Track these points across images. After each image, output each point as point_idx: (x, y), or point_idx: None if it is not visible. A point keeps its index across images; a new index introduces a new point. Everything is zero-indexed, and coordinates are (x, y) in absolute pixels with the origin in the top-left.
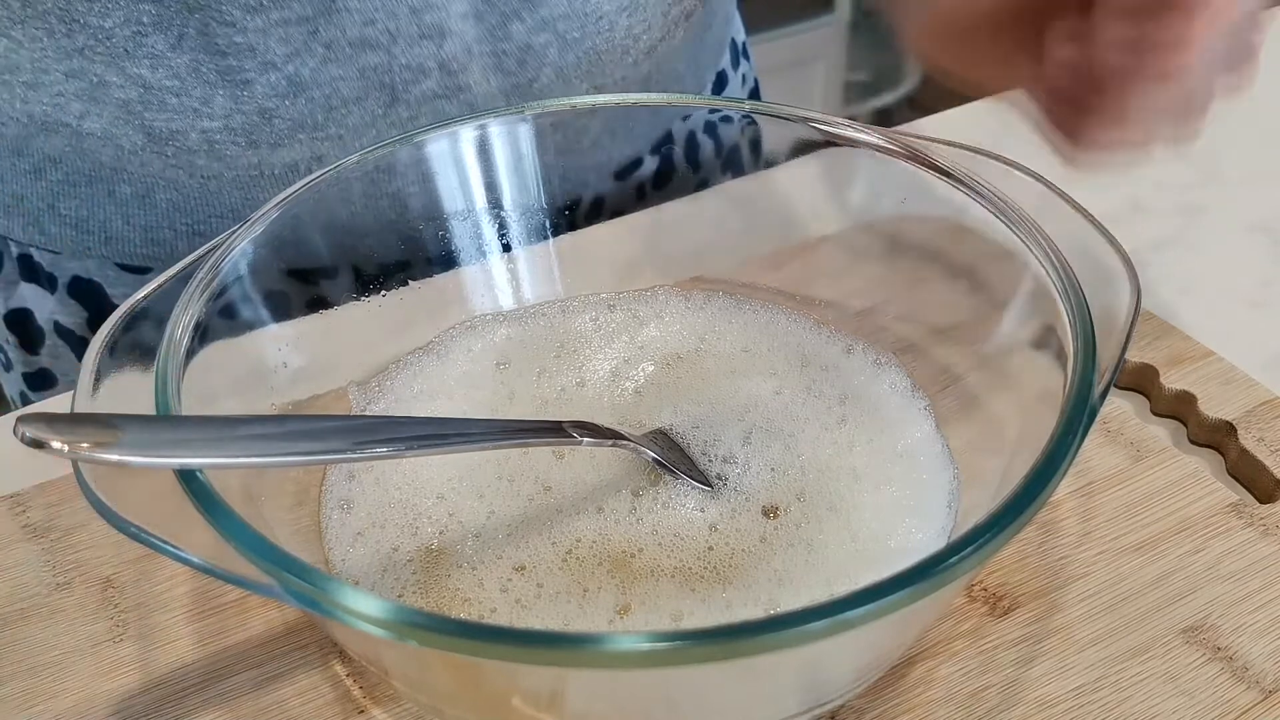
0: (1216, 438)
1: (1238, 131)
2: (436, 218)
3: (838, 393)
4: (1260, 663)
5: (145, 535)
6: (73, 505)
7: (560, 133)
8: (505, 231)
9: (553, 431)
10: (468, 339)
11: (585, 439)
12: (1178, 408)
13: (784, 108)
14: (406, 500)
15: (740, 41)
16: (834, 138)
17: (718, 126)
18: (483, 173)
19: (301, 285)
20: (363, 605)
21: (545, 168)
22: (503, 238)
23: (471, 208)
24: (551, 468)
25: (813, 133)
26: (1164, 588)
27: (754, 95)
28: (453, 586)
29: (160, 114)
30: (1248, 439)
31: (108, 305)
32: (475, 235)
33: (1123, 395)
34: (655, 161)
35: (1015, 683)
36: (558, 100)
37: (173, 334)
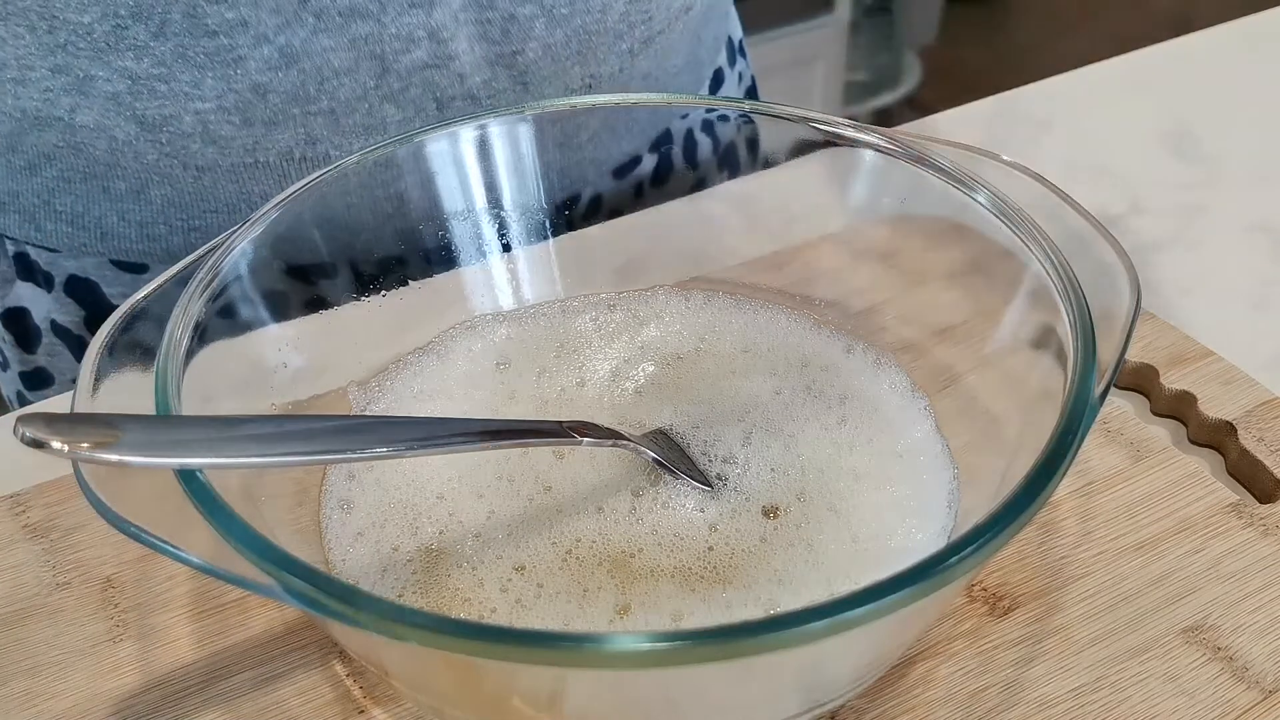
0: (1216, 438)
1: (1238, 131)
2: (436, 217)
3: (838, 393)
4: (1260, 663)
5: (145, 535)
6: (73, 505)
7: (559, 127)
8: (505, 231)
9: (553, 431)
10: (468, 339)
11: (585, 439)
12: (1178, 408)
13: (784, 107)
14: (406, 500)
15: (737, 39)
16: (834, 138)
17: (716, 126)
18: (482, 172)
19: (301, 285)
20: (363, 605)
21: (544, 164)
22: (502, 237)
23: (471, 207)
24: (551, 468)
25: (813, 133)
26: (1164, 588)
27: (751, 94)
28: (453, 586)
29: (151, 102)
30: (1248, 439)
31: (104, 304)
32: (475, 235)
33: (1123, 395)
34: (654, 160)
35: (1015, 683)
36: (558, 100)
37: (172, 334)
